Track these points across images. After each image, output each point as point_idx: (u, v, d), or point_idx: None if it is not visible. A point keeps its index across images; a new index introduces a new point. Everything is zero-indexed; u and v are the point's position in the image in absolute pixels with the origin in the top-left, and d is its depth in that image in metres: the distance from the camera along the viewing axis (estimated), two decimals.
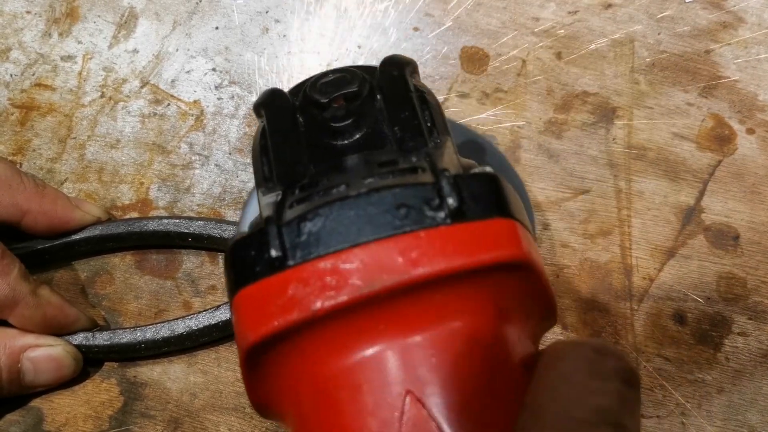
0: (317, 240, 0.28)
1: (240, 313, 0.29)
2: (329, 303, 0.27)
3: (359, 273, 0.28)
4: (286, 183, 0.33)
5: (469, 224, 0.28)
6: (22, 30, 0.61)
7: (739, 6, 0.59)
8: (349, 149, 0.35)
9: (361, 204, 0.29)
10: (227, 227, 0.50)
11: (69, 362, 0.47)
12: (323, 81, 0.36)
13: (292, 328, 0.28)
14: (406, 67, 0.38)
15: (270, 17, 0.61)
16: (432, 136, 0.35)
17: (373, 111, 0.36)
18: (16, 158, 0.55)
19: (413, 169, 0.31)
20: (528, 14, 0.59)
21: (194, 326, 0.48)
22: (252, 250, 0.29)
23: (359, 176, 0.31)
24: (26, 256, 0.48)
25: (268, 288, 0.29)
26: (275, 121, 0.36)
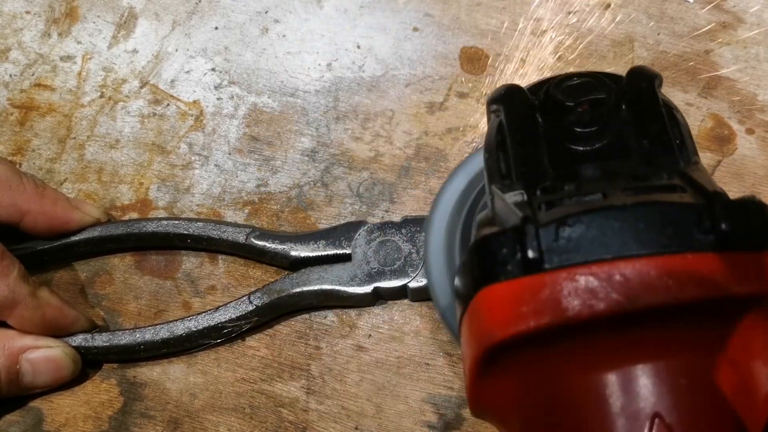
0: (577, 247, 0.28)
1: (485, 309, 0.29)
2: (586, 312, 0.26)
3: (620, 287, 0.26)
4: (526, 183, 0.33)
5: (739, 254, 0.27)
6: (21, 30, 0.61)
7: (739, 6, 0.59)
8: (589, 156, 0.34)
9: (627, 217, 0.28)
10: (226, 228, 0.50)
11: (68, 364, 0.47)
12: (569, 83, 0.35)
13: (543, 331, 0.27)
14: (655, 80, 0.36)
15: (269, 17, 0.61)
16: (682, 155, 0.33)
17: (617, 121, 0.35)
18: (15, 158, 0.55)
19: (671, 187, 0.30)
20: (528, 14, 0.59)
21: (194, 327, 0.48)
22: (505, 247, 0.29)
23: (616, 187, 0.30)
24: (26, 257, 0.48)
25: (521, 288, 0.28)
26: (515, 118, 0.35)
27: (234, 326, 0.48)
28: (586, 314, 0.26)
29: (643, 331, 0.27)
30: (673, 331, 0.28)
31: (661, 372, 0.27)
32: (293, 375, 0.48)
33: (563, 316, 0.27)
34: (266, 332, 0.49)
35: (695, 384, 0.27)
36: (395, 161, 0.54)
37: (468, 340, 0.30)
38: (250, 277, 0.51)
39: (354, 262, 0.49)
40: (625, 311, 0.26)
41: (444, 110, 0.56)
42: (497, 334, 0.28)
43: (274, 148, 0.55)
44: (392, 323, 0.49)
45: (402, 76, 0.57)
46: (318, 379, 0.48)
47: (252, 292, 0.48)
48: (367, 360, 0.48)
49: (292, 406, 0.47)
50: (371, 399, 0.47)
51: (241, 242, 0.50)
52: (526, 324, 0.27)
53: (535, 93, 0.36)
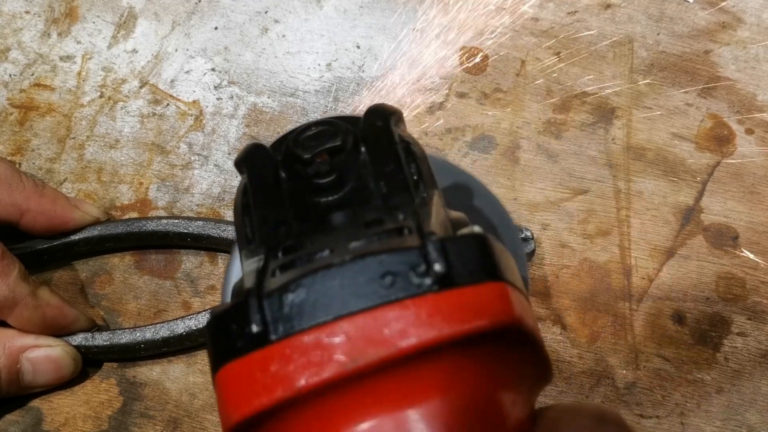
0: (300, 312, 0.27)
1: (222, 391, 0.28)
2: (313, 380, 0.26)
3: (344, 347, 0.26)
4: (268, 245, 0.32)
5: (457, 290, 0.27)
6: (21, 30, 0.61)
7: (738, 6, 0.59)
8: (334, 206, 0.34)
9: (346, 272, 0.27)
10: (226, 227, 0.50)
11: (68, 363, 0.47)
12: (306, 135, 0.35)
13: (276, 406, 0.27)
14: (391, 117, 0.36)
15: (269, 17, 0.61)
16: (418, 191, 0.33)
17: (358, 165, 0.34)
18: (15, 158, 0.55)
19: (400, 229, 0.30)
20: (527, 14, 0.60)
21: (194, 326, 0.48)
22: (233, 323, 0.28)
23: (344, 239, 0.30)
24: (25, 256, 0.48)
25: (251, 365, 0.27)
26: (257, 178, 0.35)
27: None
28: (315, 383, 0.26)
29: (382, 384, 0.27)
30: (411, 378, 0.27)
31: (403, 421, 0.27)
32: None
33: (294, 389, 0.26)
34: None
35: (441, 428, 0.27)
36: None
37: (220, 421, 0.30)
38: None
39: None
40: (352, 372, 0.26)
41: (443, 110, 0.56)
42: (234, 415, 0.28)
43: None
44: None
45: (401, 76, 0.57)
46: None
47: None
48: None
49: None
50: None
51: None
52: (258, 402, 0.27)
53: (278, 149, 0.36)
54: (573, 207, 0.52)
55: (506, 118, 0.56)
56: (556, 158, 0.54)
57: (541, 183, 0.53)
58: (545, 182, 0.53)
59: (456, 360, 0.28)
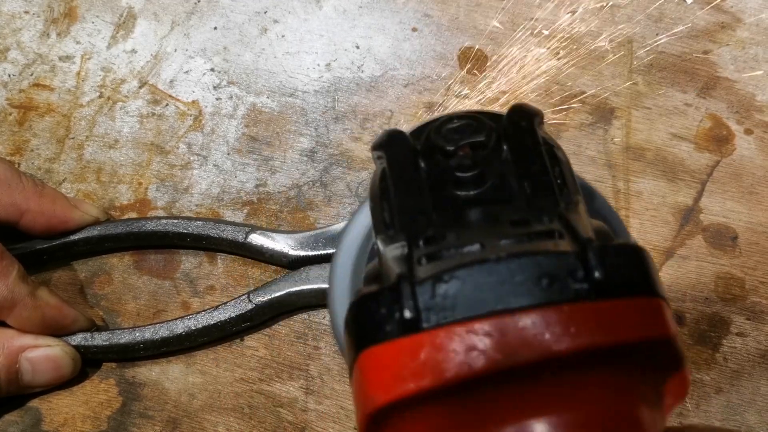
0: (453, 304, 0.27)
1: (366, 373, 0.28)
2: (464, 372, 0.26)
3: (498, 343, 0.26)
4: (408, 233, 0.32)
5: (615, 301, 0.27)
6: (20, 30, 0.61)
7: (737, 7, 0.59)
8: (473, 201, 0.33)
9: (502, 269, 0.27)
10: (225, 227, 0.50)
11: (67, 362, 0.47)
12: (449, 126, 0.34)
13: (423, 394, 0.27)
14: (535, 118, 0.36)
15: (268, 17, 0.61)
16: (563, 195, 0.33)
17: (499, 162, 0.34)
18: (14, 158, 0.55)
19: (549, 232, 0.30)
20: (526, 14, 0.60)
21: (193, 326, 0.48)
22: (382, 307, 0.28)
23: (493, 236, 0.30)
24: (25, 256, 0.48)
25: (400, 350, 0.27)
26: (397, 166, 0.35)
27: (233, 325, 0.48)
28: (465, 374, 0.26)
29: (529, 387, 0.27)
30: (559, 384, 0.27)
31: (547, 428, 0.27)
32: (292, 375, 0.48)
33: (443, 378, 0.26)
34: (265, 332, 0.49)
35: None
36: None
37: (355, 403, 0.30)
38: (249, 277, 0.51)
39: None
40: (504, 368, 0.26)
41: (443, 110, 0.56)
42: (378, 399, 0.27)
43: (273, 148, 0.55)
44: None
45: (401, 77, 0.57)
46: (317, 379, 0.48)
47: (251, 291, 0.48)
48: None
49: (290, 406, 0.47)
50: None
51: (240, 241, 0.50)
52: (405, 387, 0.27)
53: (417, 137, 0.36)
54: None
55: None
56: None
57: None
58: None
59: (605, 371, 0.28)
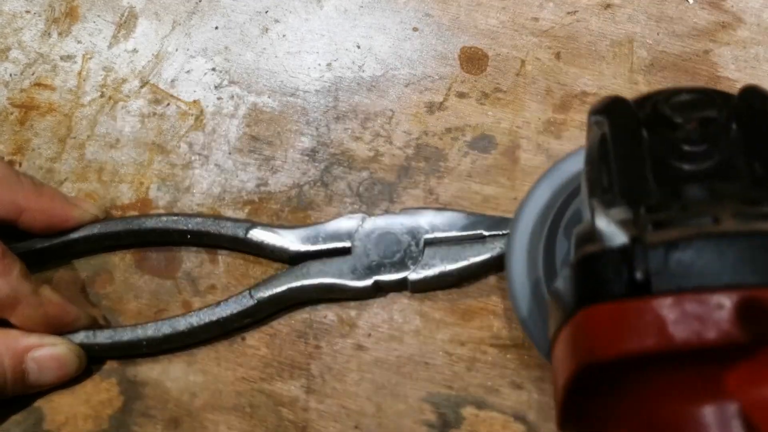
0: (686, 272, 0.27)
1: (587, 328, 0.28)
2: (694, 339, 0.26)
3: (732, 316, 0.26)
4: (628, 199, 0.32)
5: None
6: (21, 29, 0.61)
7: (738, 6, 0.59)
8: (696, 176, 0.33)
9: (741, 244, 0.27)
10: (225, 223, 0.51)
11: (72, 360, 0.47)
12: (678, 99, 0.34)
13: (646, 356, 0.26)
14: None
15: (269, 17, 0.61)
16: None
17: (726, 140, 0.34)
18: (15, 158, 0.56)
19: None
20: (527, 14, 0.60)
21: (195, 323, 0.48)
22: (611, 267, 0.28)
23: (726, 211, 0.29)
24: (25, 255, 0.48)
25: (626, 310, 0.27)
26: (620, 131, 0.34)
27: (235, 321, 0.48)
28: (694, 342, 0.26)
29: (757, 365, 0.27)
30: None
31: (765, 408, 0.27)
32: (293, 374, 0.48)
33: (669, 342, 0.26)
34: (266, 331, 0.49)
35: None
36: (395, 161, 0.54)
37: (564, 356, 0.29)
38: (250, 276, 0.51)
39: (354, 255, 0.49)
40: (736, 342, 0.26)
41: (443, 110, 0.56)
42: (599, 352, 0.27)
43: (274, 147, 0.55)
44: (392, 322, 0.49)
45: (402, 76, 0.57)
46: (318, 378, 0.48)
47: (252, 287, 0.48)
48: (366, 359, 0.48)
49: (291, 405, 0.47)
50: (371, 398, 0.47)
51: (240, 237, 0.50)
52: (629, 346, 0.27)
53: (641, 106, 0.35)
54: None
55: (506, 117, 0.56)
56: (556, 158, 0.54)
57: None
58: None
59: None
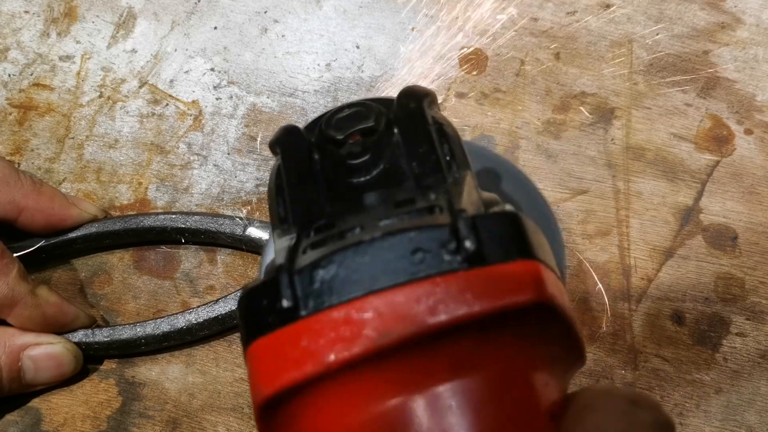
0: (330, 288, 0.27)
1: (253, 366, 0.28)
2: (343, 355, 0.26)
3: (374, 323, 0.26)
4: (301, 224, 0.32)
5: (488, 268, 0.27)
6: (20, 30, 0.61)
7: (737, 7, 0.59)
8: (367, 186, 0.34)
9: (375, 249, 0.27)
10: (224, 221, 0.51)
11: (69, 360, 0.47)
12: (339, 116, 0.35)
13: (306, 381, 0.27)
14: (424, 99, 0.36)
15: (269, 17, 0.61)
16: (451, 171, 0.33)
17: (390, 146, 0.34)
18: (14, 158, 0.55)
19: (431, 208, 0.30)
20: (527, 14, 0.60)
21: (194, 320, 0.48)
22: (264, 299, 0.28)
23: (375, 218, 0.30)
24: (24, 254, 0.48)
25: (281, 340, 0.27)
26: (290, 160, 0.35)
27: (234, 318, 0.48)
28: (344, 358, 0.26)
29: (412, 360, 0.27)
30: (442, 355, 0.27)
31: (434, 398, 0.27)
32: None
33: (324, 364, 0.26)
34: None
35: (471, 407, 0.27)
36: None
37: (251, 396, 0.30)
38: (249, 276, 0.51)
39: None
40: (382, 347, 0.26)
41: (443, 110, 0.56)
42: (264, 390, 0.28)
43: None
44: None
45: (401, 77, 0.57)
46: None
47: None
48: None
49: None
50: None
51: (238, 234, 0.50)
52: (287, 376, 0.27)
53: (312, 130, 0.36)
54: (572, 207, 0.52)
55: (505, 118, 0.56)
56: (556, 158, 0.54)
57: (540, 183, 0.53)
58: (544, 182, 0.53)
59: (487, 338, 0.28)
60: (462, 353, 0.28)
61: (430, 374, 0.27)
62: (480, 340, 0.28)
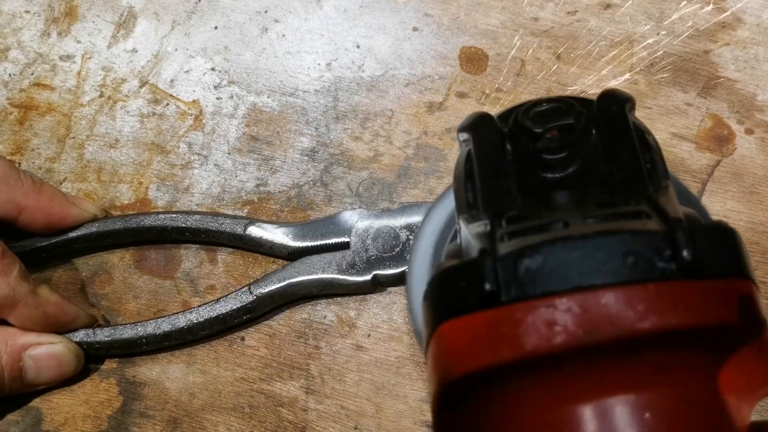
0: (535, 278, 0.27)
1: (444, 345, 0.28)
2: (544, 346, 0.26)
3: (579, 319, 0.26)
4: (492, 213, 0.32)
5: (704, 282, 0.26)
6: (20, 29, 0.61)
7: (738, 6, 0.59)
8: (559, 183, 0.33)
9: (587, 246, 0.27)
10: (224, 221, 0.51)
11: (70, 359, 0.47)
12: (537, 109, 0.35)
13: (501, 367, 0.26)
14: (626, 104, 0.36)
15: (269, 17, 0.61)
16: (653, 180, 0.32)
17: (587, 146, 0.34)
18: (14, 158, 0.55)
19: (636, 213, 0.29)
20: (527, 14, 0.60)
21: (195, 319, 0.48)
22: (462, 280, 0.28)
23: (578, 215, 0.29)
24: (24, 254, 0.48)
25: (479, 322, 0.27)
26: (483, 147, 0.35)
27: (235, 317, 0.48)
28: (545, 348, 0.26)
29: (610, 364, 0.27)
30: (641, 363, 0.27)
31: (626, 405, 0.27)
32: (292, 374, 0.48)
33: (522, 351, 0.26)
34: (265, 332, 0.49)
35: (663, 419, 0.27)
36: (395, 161, 0.54)
37: (430, 375, 0.29)
38: (249, 276, 0.51)
39: (353, 250, 0.49)
40: (585, 344, 0.26)
41: (443, 110, 0.56)
42: (455, 370, 0.27)
43: (273, 147, 0.55)
44: (391, 323, 0.49)
45: (401, 76, 0.57)
46: (317, 378, 0.48)
47: (252, 283, 0.48)
48: (366, 360, 0.48)
49: (291, 405, 0.47)
50: (370, 398, 0.47)
51: (239, 233, 0.50)
52: (483, 360, 0.27)
53: (505, 120, 0.36)
54: None
55: None
56: None
57: None
58: None
59: (690, 353, 0.27)
60: (662, 364, 0.27)
61: (626, 381, 0.27)
62: (682, 354, 0.27)
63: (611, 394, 0.27)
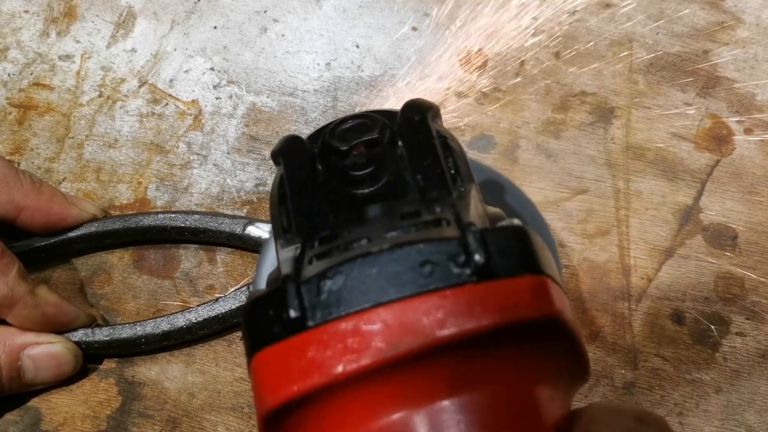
0: (338, 299, 0.27)
1: (258, 376, 0.28)
2: (351, 366, 0.26)
3: (382, 335, 0.26)
4: (305, 235, 0.32)
5: (497, 282, 0.27)
6: (20, 29, 0.61)
7: (738, 6, 0.59)
8: (370, 198, 0.34)
9: (384, 261, 0.27)
10: (224, 220, 0.51)
11: (69, 359, 0.47)
12: (343, 127, 0.35)
13: (312, 392, 0.27)
14: (428, 112, 0.36)
15: (268, 17, 0.61)
16: (456, 185, 0.33)
17: (394, 158, 0.35)
18: (14, 158, 0.55)
19: (437, 221, 0.30)
20: (527, 14, 0.59)
21: (194, 319, 0.48)
22: (270, 309, 0.28)
23: (381, 229, 0.30)
24: (24, 254, 0.48)
25: (287, 350, 0.27)
26: (293, 170, 0.35)
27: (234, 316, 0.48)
28: (353, 369, 0.26)
29: (419, 373, 0.27)
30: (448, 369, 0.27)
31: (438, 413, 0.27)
32: None
33: (330, 375, 0.26)
34: None
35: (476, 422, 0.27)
36: None
37: (255, 407, 0.30)
38: (248, 276, 0.51)
39: None
40: (390, 359, 0.26)
41: (443, 110, 0.56)
42: (269, 401, 0.28)
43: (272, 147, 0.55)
44: None
45: (401, 76, 0.57)
46: None
47: (251, 282, 0.48)
48: None
49: None
50: None
51: (238, 233, 0.50)
52: (294, 387, 0.27)
53: (315, 141, 0.36)
54: (572, 207, 0.52)
55: (505, 117, 0.56)
56: (556, 158, 0.54)
57: (541, 183, 0.53)
58: (544, 182, 0.53)
59: (494, 353, 0.28)
60: (468, 367, 0.27)
61: (436, 388, 0.27)
62: (486, 355, 0.28)
63: (423, 403, 0.27)
